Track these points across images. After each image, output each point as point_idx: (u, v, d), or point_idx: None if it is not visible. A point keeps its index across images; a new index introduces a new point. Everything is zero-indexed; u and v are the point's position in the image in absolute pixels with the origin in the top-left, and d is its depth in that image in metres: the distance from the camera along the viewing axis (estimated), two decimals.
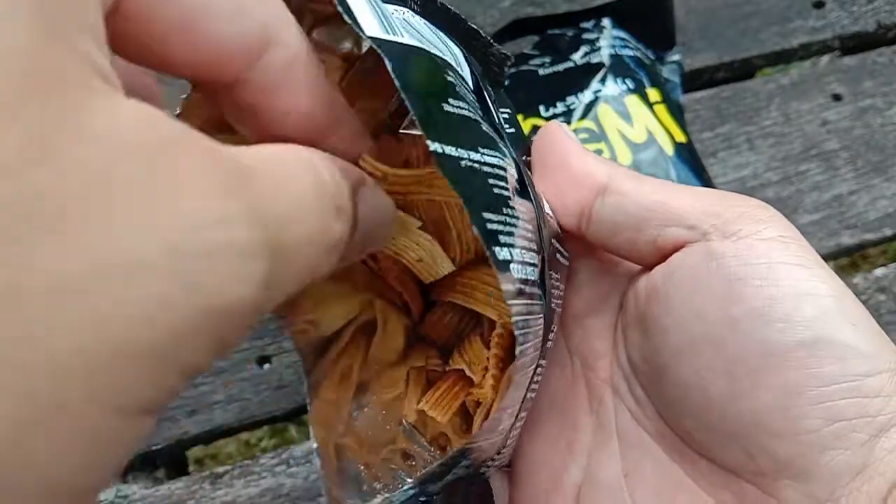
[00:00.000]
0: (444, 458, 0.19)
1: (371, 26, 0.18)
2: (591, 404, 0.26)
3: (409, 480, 0.20)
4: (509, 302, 0.18)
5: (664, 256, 0.24)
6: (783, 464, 0.21)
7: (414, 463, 0.25)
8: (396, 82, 0.16)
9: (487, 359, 0.23)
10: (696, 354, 0.22)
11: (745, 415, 0.21)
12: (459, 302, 0.24)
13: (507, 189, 0.19)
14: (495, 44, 0.24)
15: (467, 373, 0.23)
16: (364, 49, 0.24)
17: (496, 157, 0.19)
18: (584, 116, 0.49)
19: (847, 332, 0.21)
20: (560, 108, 0.49)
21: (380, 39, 0.17)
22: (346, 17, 0.17)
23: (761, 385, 0.21)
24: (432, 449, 0.25)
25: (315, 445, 0.24)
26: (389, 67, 0.16)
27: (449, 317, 0.25)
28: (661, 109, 0.50)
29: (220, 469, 0.44)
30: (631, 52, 0.52)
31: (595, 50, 0.51)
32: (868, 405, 0.20)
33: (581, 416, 0.26)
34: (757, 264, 0.22)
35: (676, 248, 0.23)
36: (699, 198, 0.23)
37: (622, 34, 0.53)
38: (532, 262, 0.19)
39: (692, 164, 0.48)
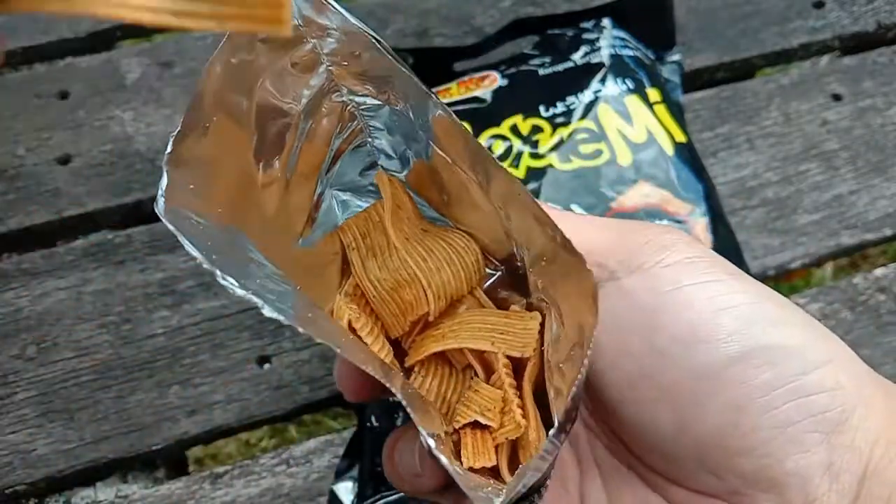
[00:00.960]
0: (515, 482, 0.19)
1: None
2: (570, 439, 0.26)
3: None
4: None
5: None
6: (751, 479, 0.21)
7: None
8: None
9: (503, 397, 0.23)
10: (635, 390, 0.22)
11: (699, 440, 0.21)
12: (451, 346, 0.24)
13: None
14: None
15: (483, 421, 0.23)
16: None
17: None
18: (584, 116, 0.49)
19: (773, 335, 0.21)
20: (560, 108, 0.49)
21: None
22: None
23: (705, 409, 0.21)
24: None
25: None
26: None
27: (429, 381, 0.25)
28: (661, 109, 0.50)
29: (220, 469, 0.44)
30: (631, 52, 0.52)
31: (595, 50, 0.51)
32: (812, 403, 0.20)
33: (563, 451, 0.26)
34: (668, 291, 0.22)
35: None
36: (602, 233, 0.24)
37: (622, 34, 0.53)
38: None
39: (692, 164, 0.48)
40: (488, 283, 0.27)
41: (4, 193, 0.53)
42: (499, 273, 0.27)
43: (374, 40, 0.23)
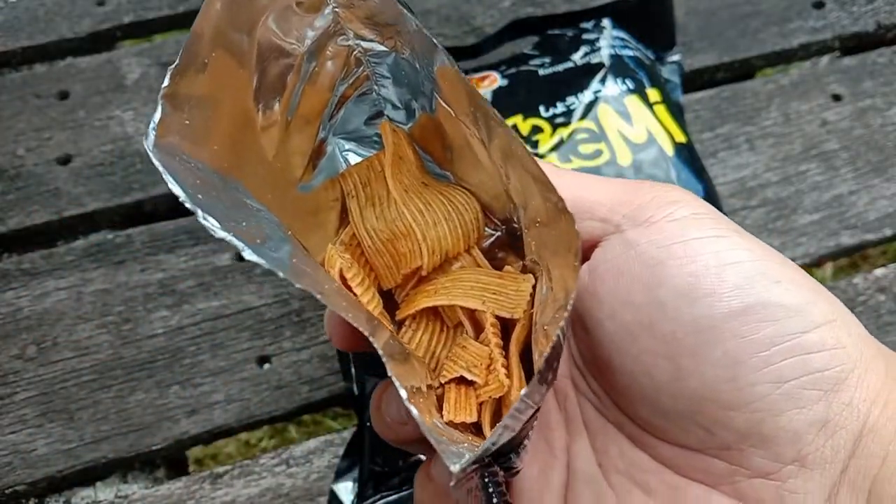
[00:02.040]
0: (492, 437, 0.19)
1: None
2: (559, 400, 0.26)
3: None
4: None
5: (588, 251, 0.24)
6: (743, 434, 0.21)
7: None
8: None
9: (489, 356, 0.23)
10: (634, 341, 0.22)
11: (694, 393, 0.21)
12: (441, 302, 0.24)
13: None
14: None
15: (468, 377, 0.23)
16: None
17: None
18: (584, 116, 0.49)
19: (775, 293, 0.21)
20: (560, 108, 0.49)
21: None
22: None
23: (703, 361, 0.21)
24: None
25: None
26: None
27: (420, 335, 0.25)
28: (661, 109, 0.50)
29: (220, 469, 0.44)
30: (631, 52, 0.52)
31: (595, 50, 0.51)
32: (811, 361, 0.21)
33: (552, 413, 0.26)
34: (673, 244, 0.22)
35: (594, 242, 0.24)
36: (609, 189, 0.24)
37: (622, 34, 0.53)
38: None
39: (692, 165, 0.48)
40: (487, 242, 0.27)
41: (4, 193, 0.53)
42: (498, 233, 0.27)
43: None
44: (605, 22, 0.53)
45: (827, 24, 0.61)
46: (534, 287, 0.24)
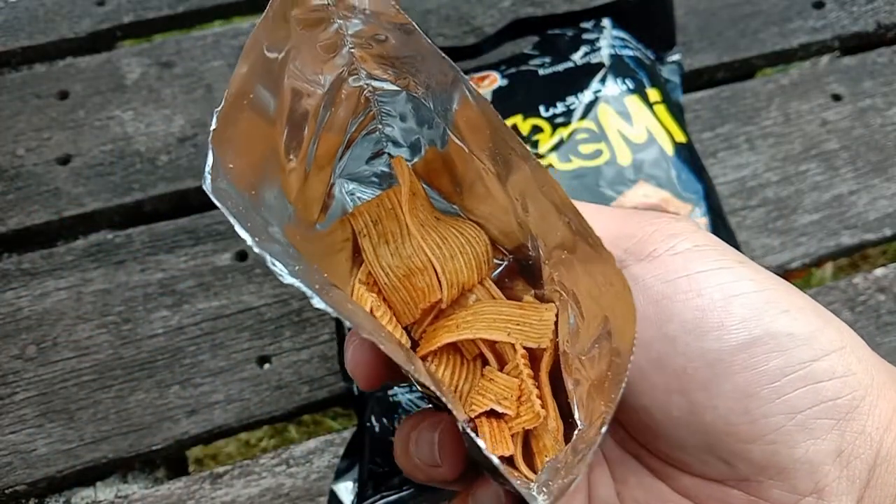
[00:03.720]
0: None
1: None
2: None
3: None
4: None
5: None
6: (760, 466, 0.21)
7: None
8: None
9: (520, 387, 0.23)
10: (646, 378, 0.22)
11: (709, 426, 0.21)
12: (466, 336, 0.24)
13: None
14: None
15: (499, 409, 0.23)
16: None
17: None
18: (584, 116, 0.49)
19: (782, 322, 0.21)
20: (560, 108, 0.49)
21: None
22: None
23: (716, 395, 0.21)
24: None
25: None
26: None
27: (442, 371, 0.25)
28: (661, 109, 0.50)
29: (220, 469, 0.44)
30: (631, 52, 0.52)
31: (595, 50, 0.51)
32: (823, 390, 0.20)
33: None
34: (678, 278, 0.22)
35: None
36: (609, 221, 0.24)
37: (622, 34, 0.53)
38: None
39: (692, 164, 0.48)
40: (496, 272, 0.27)
41: (4, 193, 0.53)
42: (505, 262, 0.27)
43: (403, 19, 0.22)
44: (605, 22, 0.53)
45: (827, 24, 0.61)
46: (556, 315, 0.24)
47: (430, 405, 0.28)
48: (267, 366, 0.47)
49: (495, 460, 0.19)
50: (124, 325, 0.48)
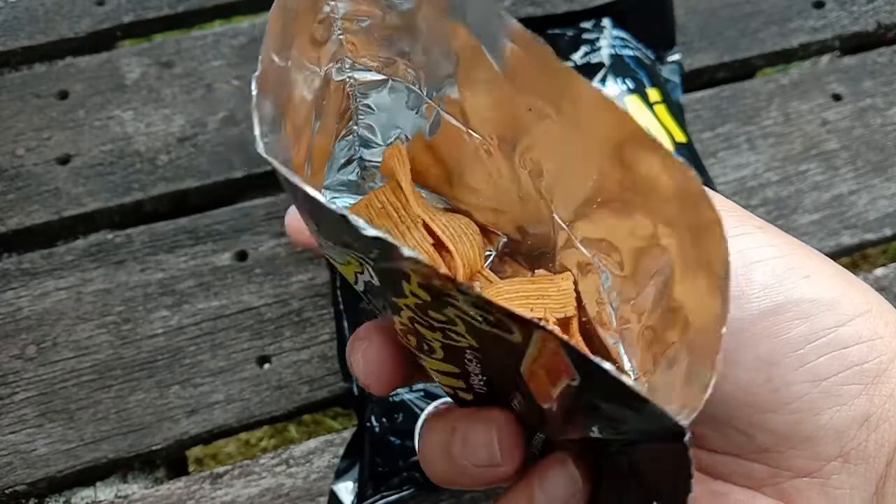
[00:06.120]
0: None
1: None
2: None
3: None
4: None
5: None
6: (783, 436, 0.21)
7: None
8: None
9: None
10: None
11: (730, 397, 0.21)
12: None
13: None
14: None
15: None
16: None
17: None
18: None
19: (805, 288, 0.20)
20: None
21: None
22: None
23: (737, 364, 0.21)
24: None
25: None
26: None
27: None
28: (661, 109, 0.50)
29: (220, 469, 0.44)
30: (631, 52, 0.52)
31: (595, 50, 0.51)
32: (848, 355, 0.20)
33: None
34: None
35: None
36: None
37: (622, 34, 0.53)
38: None
39: (692, 164, 0.48)
40: (486, 263, 0.26)
41: (4, 193, 0.53)
42: (493, 254, 0.26)
43: None
44: (605, 22, 0.53)
45: (827, 24, 0.61)
46: (575, 283, 0.23)
47: (450, 399, 0.26)
48: (267, 366, 0.47)
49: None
50: (124, 325, 0.48)
